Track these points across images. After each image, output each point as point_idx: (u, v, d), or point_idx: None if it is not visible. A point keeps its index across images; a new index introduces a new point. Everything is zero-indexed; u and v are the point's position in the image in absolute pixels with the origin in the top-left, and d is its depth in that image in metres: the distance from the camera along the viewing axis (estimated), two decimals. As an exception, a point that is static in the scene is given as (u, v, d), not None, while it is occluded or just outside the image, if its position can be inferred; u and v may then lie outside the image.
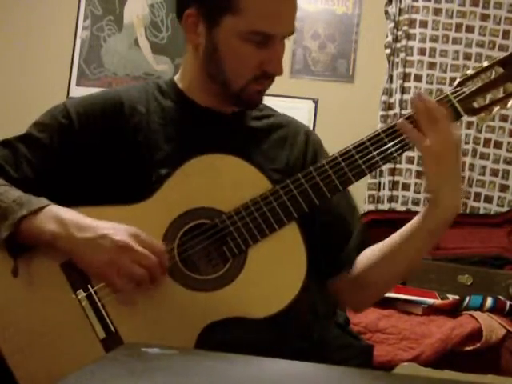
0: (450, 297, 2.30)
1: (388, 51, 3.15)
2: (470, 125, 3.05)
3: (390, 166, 3.10)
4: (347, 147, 1.19)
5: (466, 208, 3.04)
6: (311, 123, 3.21)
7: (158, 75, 3.35)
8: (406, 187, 3.10)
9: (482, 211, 3.04)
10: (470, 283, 2.42)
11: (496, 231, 2.81)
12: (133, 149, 1.25)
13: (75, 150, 1.25)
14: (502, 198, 3.05)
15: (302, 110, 3.20)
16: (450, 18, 3.11)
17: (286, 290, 1.16)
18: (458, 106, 1.18)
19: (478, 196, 3.06)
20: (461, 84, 1.20)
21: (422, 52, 3.12)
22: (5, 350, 1.15)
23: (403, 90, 3.12)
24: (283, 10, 1.21)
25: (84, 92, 1.39)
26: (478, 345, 2.00)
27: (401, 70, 3.12)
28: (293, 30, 1.25)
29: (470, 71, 1.21)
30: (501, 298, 2.26)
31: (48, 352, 1.15)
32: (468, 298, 2.20)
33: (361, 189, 3.02)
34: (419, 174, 3.10)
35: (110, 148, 1.25)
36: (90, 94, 1.32)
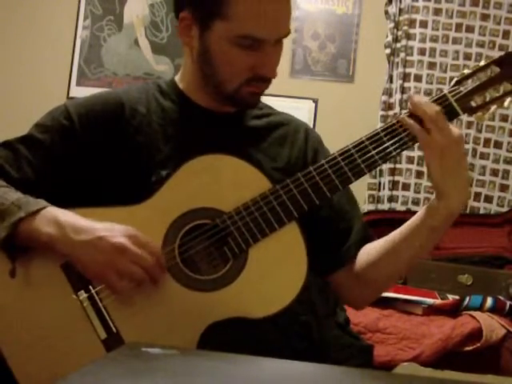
0: (450, 297, 2.30)
1: (388, 51, 3.15)
2: (469, 125, 3.05)
3: (390, 165, 3.10)
4: (346, 146, 1.19)
5: (466, 208, 3.04)
6: (311, 123, 3.21)
7: (158, 75, 3.35)
8: (406, 187, 3.10)
9: (482, 211, 3.03)
10: (470, 283, 2.42)
11: (496, 231, 2.81)
12: (133, 150, 1.25)
13: (76, 151, 1.25)
14: (502, 197, 3.05)
15: (302, 109, 3.20)
16: (450, 17, 3.11)
17: (287, 289, 1.16)
18: (455, 104, 1.19)
19: (478, 196, 3.06)
20: (458, 83, 1.20)
21: (422, 52, 3.12)
22: (5, 351, 1.15)
23: (403, 90, 3.12)
24: (272, 14, 1.19)
25: (84, 92, 1.39)
26: (478, 345, 2.01)
27: (401, 69, 3.12)
28: (285, 33, 1.23)
29: (467, 70, 1.21)
30: (501, 298, 2.26)
31: (49, 352, 1.15)
32: (468, 298, 2.21)
33: (361, 189, 3.02)
34: (419, 174, 3.10)
35: (111, 149, 1.25)
36: (90, 94, 1.32)
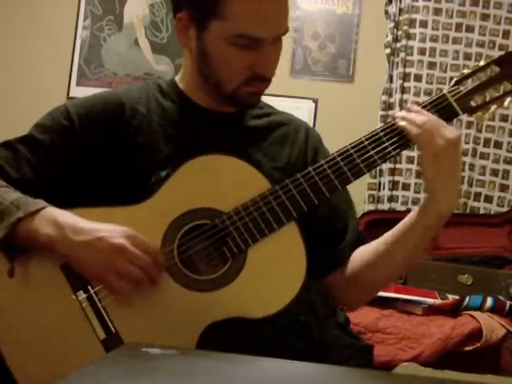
0: (450, 297, 2.30)
1: (388, 51, 3.15)
2: (469, 124, 3.05)
3: (390, 165, 3.09)
4: (345, 146, 1.19)
5: (466, 208, 3.04)
6: (311, 123, 3.21)
7: (158, 75, 3.35)
8: (405, 187, 3.10)
9: (482, 211, 3.03)
10: (470, 283, 2.42)
11: (496, 231, 2.81)
12: (133, 150, 1.25)
13: (76, 152, 1.25)
14: (502, 197, 3.04)
15: (302, 109, 3.20)
16: (450, 17, 3.11)
17: (286, 289, 1.16)
18: (455, 104, 1.19)
19: (478, 196, 3.06)
20: (458, 83, 1.20)
21: (422, 52, 3.12)
22: (4, 351, 1.15)
23: (403, 90, 3.12)
24: (268, 12, 1.19)
25: (84, 92, 1.39)
26: (478, 345, 2.01)
27: (401, 69, 3.12)
28: (283, 31, 1.23)
29: (466, 70, 1.21)
30: (501, 298, 2.26)
31: (48, 352, 1.15)
32: (468, 298, 2.21)
33: (361, 189, 3.02)
34: (419, 174, 3.10)
35: (111, 149, 1.25)
36: (90, 95, 1.32)
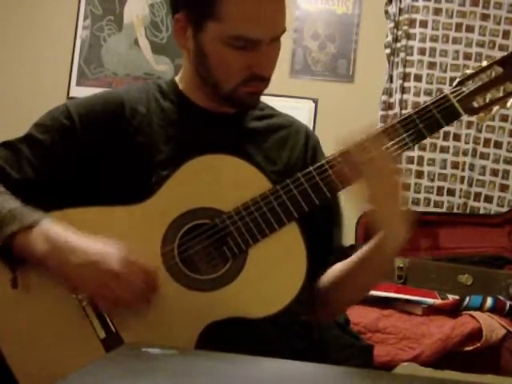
0: (450, 297, 2.30)
1: (388, 51, 3.15)
2: (470, 124, 3.05)
3: (390, 165, 3.09)
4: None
5: (466, 208, 3.05)
6: (311, 123, 3.21)
7: (158, 75, 3.35)
8: (405, 187, 3.10)
9: (482, 211, 3.03)
10: (470, 283, 2.42)
11: (496, 231, 2.81)
12: (134, 150, 1.25)
13: (77, 151, 1.24)
14: (502, 197, 3.04)
15: (302, 109, 3.20)
16: (450, 17, 3.11)
17: (286, 289, 1.15)
18: (457, 105, 1.18)
19: (478, 196, 3.06)
20: (460, 84, 1.20)
21: (422, 52, 3.12)
22: (5, 350, 1.15)
23: (403, 90, 3.12)
24: (265, 14, 1.18)
25: (84, 92, 1.39)
26: (478, 345, 2.01)
27: (401, 69, 3.12)
28: (280, 31, 1.22)
29: (469, 71, 1.21)
30: (501, 297, 2.27)
31: (48, 352, 1.15)
32: (468, 298, 2.21)
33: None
34: (419, 174, 3.10)
35: (111, 149, 1.25)
36: (90, 94, 1.32)
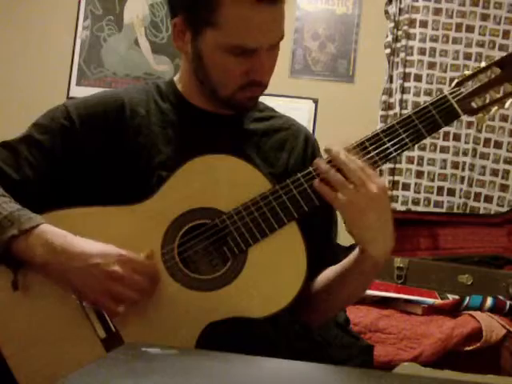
0: (450, 297, 2.30)
1: (388, 51, 3.15)
2: (469, 124, 3.05)
3: (390, 165, 3.09)
4: (346, 147, 1.18)
5: (466, 208, 3.05)
6: (311, 123, 3.21)
7: (158, 75, 3.35)
8: (406, 187, 3.10)
9: (482, 211, 3.03)
10: (470, 283, 2.41)
11: (496, 231, 2.81)
12: (133, 151, 1.25)
13: (76, 152, 1.24)
14: (502, 197, 3.05)
15: (302, 110, 3.20)
16: (450, 17, 3.11)
17: (286, 289, 1.15)
18: (456, 106, 1.19)
19: (478, 196, 3.06)
20: (459, 84, 1.20)
21: (422, 52, 3.12)
22: (5, 350, 1.15)
23: (403, 90, 3.12)
24: (262, 23, 1.17)
25: (84, 92, 1.39)
26: (478, 345, 2.01)
27: (401, 69, 3.12)
28: (278, 39, 1.22)
29: (468, 72, 1.22)
30: (501, 297, 2.26)
31: (48, 352, 1.15)
32: (468, 298, 2.21)
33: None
34: (419, 174, 3.10)
35: (111, 150, 1.25)
36: (90, 94, 1.32)
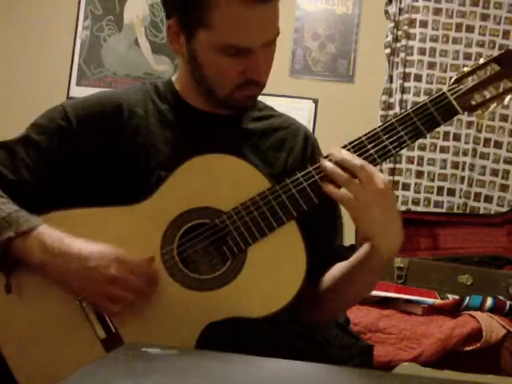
0: (450, 297, 2.30)
1: (388, 51, 3.15)
2: (470, 124, 3.05)
3: (390, 165, 3.09)
4: (345, 146, 1.18)
5: (466, 208, 3.05)
6: (311, 123, 3.21)
7: (158, 75, 3.35)
8: (406, 187, 3.10)
9: (482, 211, 3.03)
10: (470, 283, 2.41)
11: (496, 231, 2.81)
12: (132, 151, 1.25)
13: (74, 153, 1.24)
14: (502, 197, 3.05)
15: (302, 110, 3.20)
16: (450, 17, 3.11)
17: (286, 289, 1.15)
18: (455, 103, 1.18)
19: (478, 196, 3.06)
20: (457, 81, 1.20)
21: (422, 52, 3.12)
22: (5, 351, 1.15)
23: (403, 90, 3.12)
24: (255, 21, 1.16)
25: (84, 92, 1.38)
26: (478, 345, 2.01)
27: (401, 69, 3.13)
28: (273, 37, 1.21)
29: (466, 68, 1.21)
30: (501, 297, 2.26)
31: (48, 352, 1.15)
32: (468, 298, 2.21)
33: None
34: (419, 174, 3.10)
35: (110, 150, 1.24)
36: (88, 95, 1.31)
